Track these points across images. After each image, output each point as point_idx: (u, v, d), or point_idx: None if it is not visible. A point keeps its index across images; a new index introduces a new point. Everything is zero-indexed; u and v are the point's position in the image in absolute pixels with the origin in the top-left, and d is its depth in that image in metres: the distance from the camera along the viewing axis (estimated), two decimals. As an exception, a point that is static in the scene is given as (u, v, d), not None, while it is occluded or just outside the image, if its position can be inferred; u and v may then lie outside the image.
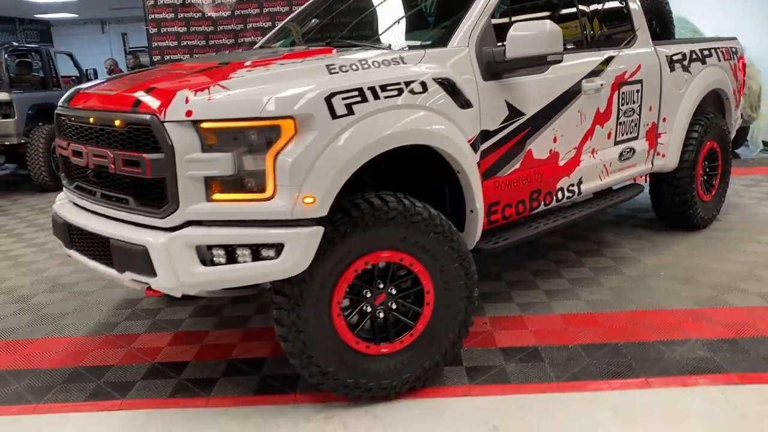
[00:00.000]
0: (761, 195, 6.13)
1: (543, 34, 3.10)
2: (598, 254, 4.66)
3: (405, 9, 4.05)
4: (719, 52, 5.04)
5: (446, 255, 2.83)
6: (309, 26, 4.28)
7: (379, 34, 3.75)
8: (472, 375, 3.04)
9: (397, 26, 3.78)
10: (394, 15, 3.97)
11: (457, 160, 2.95)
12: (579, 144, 3.82)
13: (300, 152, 2.44)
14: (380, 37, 3.65)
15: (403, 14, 3.96)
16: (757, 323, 3.44)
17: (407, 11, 4.02)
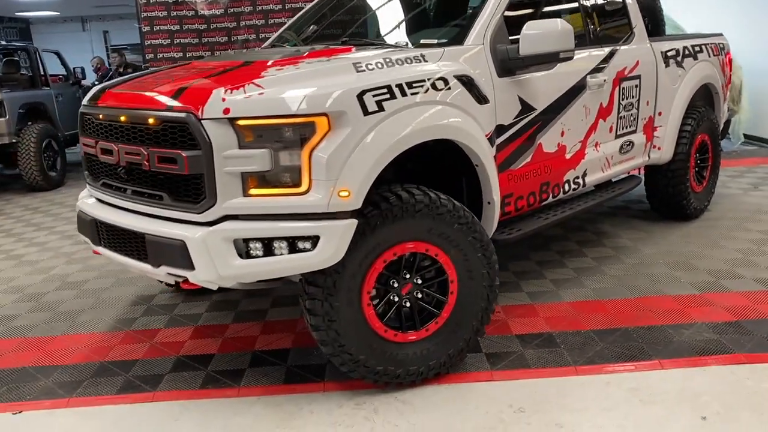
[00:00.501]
0: (746, 185, 6.35)
1: (555, 32, 3.22)
2: (599, 244, 4.81)
3: (411, 8, 4.15)
4: (709, 48, 5.23)
5: (469, 245, 2.94)
6: (317, 26, 4.35)
7: (390, 33, 3.84)
8: (492, 361, 3.16)
9: (406, 25, 3.88)
10: (401, 14, 4.08)
11: (477, 154, 3.07)
12: (584, 138, 3.96)
13: (335, 148, 2.53)
14: (393, 36, 3.74)
15: (410, 13, 4.06)
16: (757, 306, 3.62)
17: (414, 10, 4.12)
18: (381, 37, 3.86)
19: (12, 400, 3.03)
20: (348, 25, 4.19)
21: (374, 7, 4.31)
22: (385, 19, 4.19)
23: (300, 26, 4.37)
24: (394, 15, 4.14)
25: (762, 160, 7.45)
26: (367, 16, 4.26)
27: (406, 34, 3.78)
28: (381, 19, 4.21)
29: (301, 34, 4.26)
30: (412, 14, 4.04)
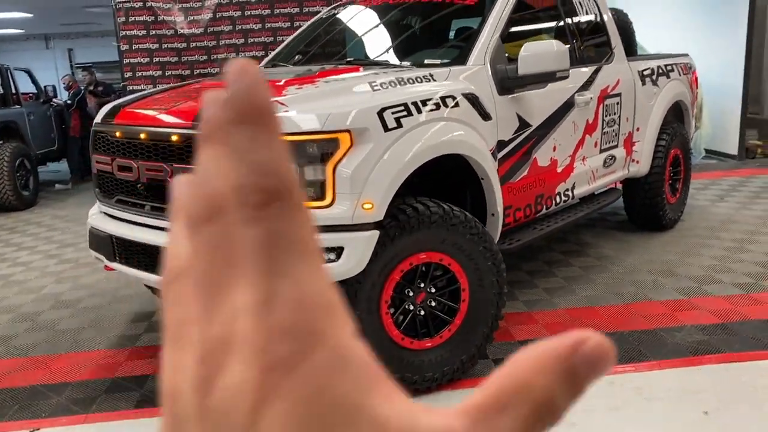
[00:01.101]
0: (713, 197, 6.68)
1: (552, 53, 3.41)
2: (583, 254, 5.02)
3: (403, 30, 4.31)
4: (679, 67, 5.53)
5: (480, 254, 3.08)
6: (312, 47, 4.47)
7: (387, 54, 3.98)
8: (499, 365, 3.28)
9: (402, 46, 4.04)
10: (394, 36, 4.23)
11: (483, 168, 3.22)
12: (573, 152, 4.16)
13: (358, 162, 2.65)
14: (391, 56, 3.89)
15: (403, 35, 4.22)
16: (739, 309, 3.85)
17: (406, 32, 4.28)
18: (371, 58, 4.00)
19: (27, 418, 3.03)
20: (341, 46, 4.33)
21: (366, 29, 4.45)
22: (378, 40, 4.34)
23: (296, 46, 4.48)
24: (388, 36, 4.29)
25: (724, 173, 7.83)
26: (360, 37, 4.40)
27: (405, 54, 3.92)
28: (375, 40, 4.35)
29: (297, 54, 4.37)
30: (405, 36, 4.20)
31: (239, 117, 0.25)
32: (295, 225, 0.25)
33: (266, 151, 0.25)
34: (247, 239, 0.25)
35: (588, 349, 0.26)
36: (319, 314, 0.24)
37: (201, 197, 0.26)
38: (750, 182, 7.25)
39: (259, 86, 0.25)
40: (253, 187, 0.24)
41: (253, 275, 0.24)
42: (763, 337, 3.47)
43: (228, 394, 0.23)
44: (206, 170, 0.26)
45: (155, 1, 7.32)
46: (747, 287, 4.18)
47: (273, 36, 7.50)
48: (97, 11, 9.39)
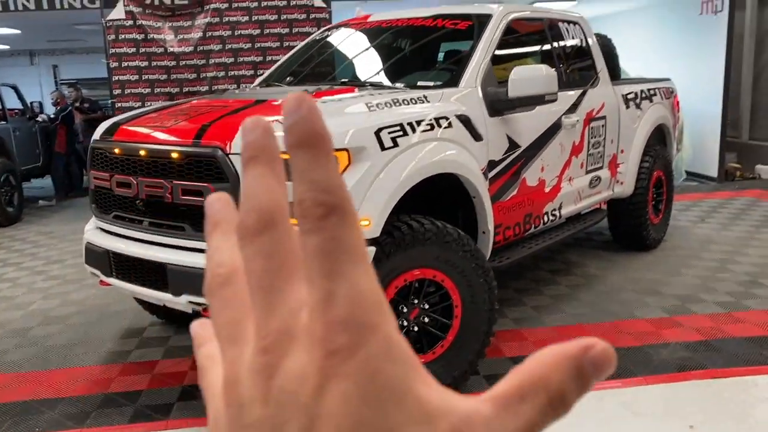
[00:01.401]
0: (694, 218, 6.83)
1: (540, 76, 3.52)
2: (570, 273, 5.11)
3: (394, 53, 4.41)
4: (661, 91, 5.69)
5: (472, 271, 3.15)
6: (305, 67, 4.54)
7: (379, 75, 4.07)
8: (492, 382, 3.31)
9: (393, 68, 4.13)
10: (385, 58, 4.33)
11: (475, 187, 3.30)
12: (560, 173, 4.27)
13: (356, 180, 2.72)
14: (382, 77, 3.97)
15: (394, 57, 4.32)
16: (722, 327, 3.95)
17: (397, 55, 4.38)
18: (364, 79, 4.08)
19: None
20: (334, 67, 4.42)
21: (359, 51, 4.54)
22: (371, 62, 4.43)
23: (289, 67, 4.55)
24: (381, 58, 4.39)
25: (704, 195, 8.01)
26: (353, 59, 4.49)
27: (398, 76, 4.01)
28: (368, 62, 4.44)
29: (291, 75, 4.44)
30: (398, 58, 4.29)
31: (300, 141, 0.29)
32: (350, 234, 0.28)
33: (324, 171, 0.28)
34: (309, 246, 0.28)
35: (595, 352, 0.30)
36: (371, 310, 0.28)
37: (252, 211, 0.30)
38: (730, 204, 7.42)
39: (317, 115, 0.29)
40: (314, 201, 0.28)
41: (315, 277, 0.28)
42: (745, 353, 3.57)
43: (292, 376, 0.27)
44: (253, 187, 0.30)
45: (146, 20, 7.39)
46: (728, 306, 4.29)
47: (262, 55, 7.59)
48: (86, 28, 9.41)
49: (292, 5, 7.52)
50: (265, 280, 0.29)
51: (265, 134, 0.31)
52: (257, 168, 0.30)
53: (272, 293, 0.29)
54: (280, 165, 0.31)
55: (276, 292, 0.29)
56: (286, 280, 0.29)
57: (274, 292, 0.29)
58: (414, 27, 4.14)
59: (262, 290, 0.29)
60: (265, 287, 0.29)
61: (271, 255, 0.29)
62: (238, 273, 0.32)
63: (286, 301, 0.29)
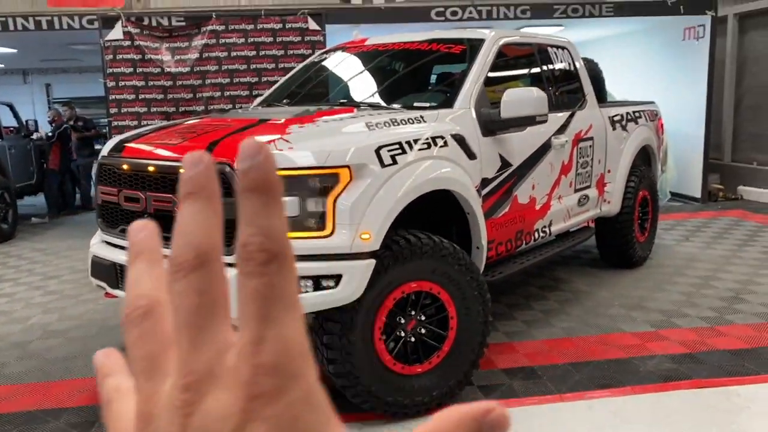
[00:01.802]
0: (678, 237, 7.02)
1: (532, 98, 3.69)
2: (558, 289, 5.25)
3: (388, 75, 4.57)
4: (646, 114, 5.89)
5: (467, 284, 3.27)
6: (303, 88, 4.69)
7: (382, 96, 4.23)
8: (485, 392, 3.46)
9: (394, 89, 4.29)
10: (380, 80, 4.49)
11: (469, 203, 3.44)
12: (550, 191, 4.42)
13: (357, 195, 2.85)
14: (385, 99, 4.12)
15: (389, 79, 4.48)
16: (705, 340, 4.09)
17: (392, 77, 4.54)
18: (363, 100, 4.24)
19: (26, 442, 3.09)
20: (333, 88, 4.57)
21: (357, 73, 4.70)
22: (368, 83, 4.59)
23: (288, 87, 4.70)
24: (378, 80, 4.55)
25: (688, 214, 8.21)
26: (351, 80, 4.64)
27: (394, 97, 4.16)
28: (365, 83, 4.60)
29: (291, 95, 4.59)
30: (394, 80, 4.45)
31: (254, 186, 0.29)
32: (287, 282, 0.29)
33: (273, 218, 0.29)
34: (248, 289, 0.29)
35: (494, 416, 0.30)
36: (297, 358, 0.28)
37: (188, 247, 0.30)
38: (713, 223, 7.62)
39: (272, 163, 0.30)
40: (259, 246, 0.29)
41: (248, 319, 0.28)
42: (728, 365, 3.71)
43: (213, 416, 0.27)
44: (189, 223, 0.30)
45: (143, 41, 7.53)
46: (712, 320, 4.44)
47: (258, 76, 7.74)
48: (82, 48, 9.53)
49: (287, 28, 7.69)
50: (193, 318, 0.29)
51: (207, 171, 0.31)
52: (196, 204, 0.31)
53: (200, 331, 0.29)
54: (218, 203, 0.32)
55: (204, 331, 0.29)
56: (215, 319, 0.29)
57: (202, 331, 0.29)
58: (410, 50, 4.30)
59: (190, 327, 0.29)
60: (193, 324, 0.29)
61: (203, 293, 0.30)
62: (160, 306, 0.32)
63: (213, 341, 0.29)
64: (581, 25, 8.86)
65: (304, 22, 7.70)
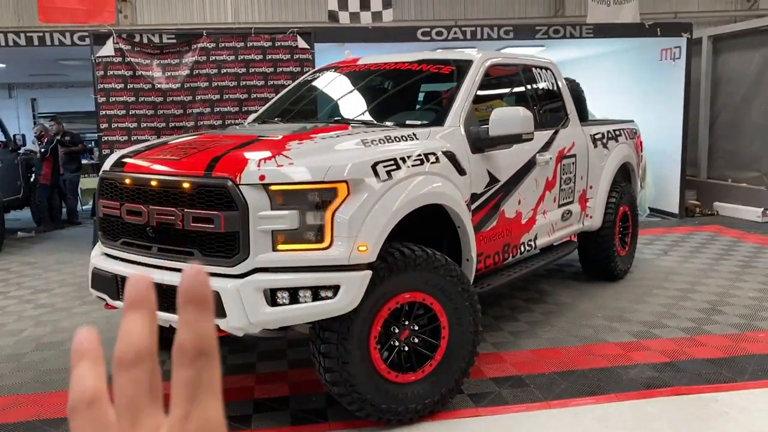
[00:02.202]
0: (658, 251, 7.23)
1: (519, 117, 3.85)
2: (543, 301, 5.40)
3: (379, 93, 4.72)
4: (626, 132, 6.11)
5: (459, 295, 3.40)
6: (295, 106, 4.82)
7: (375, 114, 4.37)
8: (475, 400, 3.58)
9: (386, 107, 4.44)
10: (369, 99, 4.64)
11: (460, 217, 3.59)
12: (535, 206, 4.58)
13: (355, 209, 2.98)
14: (377, 117, 4.27)
15: (379, 98, 4.63)
16: (685, 350, 4.26)
17: (382, 95, 4.69)
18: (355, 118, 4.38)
19: (27, 451, 3.14)
20: (327, 106, 4.71)
21: (349, 92, 4.84)
22: (360, 102, 4.73)
23: (283, 105, 4.82)
24: (370, 98, 4.69)
25: (666, 229, 8.44)
26: (344, 99, 4.79)
27: (386, 115, 4.30)
28: (358, 101, 4.74)
29: (285, 112, 4.71)
30: (386, 98, 4.60)
31: (191, 300, 0.39)
32: (212, 374, 0.38)
33: (204, 325, 0.39)
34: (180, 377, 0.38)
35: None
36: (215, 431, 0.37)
37: (129, 347, 0.39)
38: (690, 238, 7.85)
39: (207, 283, 0.39)
40: (191, 345, 0.38)
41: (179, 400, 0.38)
42: (707, 373, 3.87)
43: None
44: (131, 329, 0.39)
45: (134, 57, 7.63)
46: (690, 331, 4.61)
47: (247, 93, 7.87)
48: (71, 64, 9.59)
49: (276, 46, 7.84)
50: (132, 403, 0.37)
51: (148, 289, 0.41)
52: (137, 314, 0.40)
53: (137, 414, 0.38)
54: (154, 314, 0.41)
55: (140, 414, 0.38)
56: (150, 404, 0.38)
57: (138, 413, 0.38)
58: (401, 70, 4.46)
59: (129, 411, 0.38)
60: (132, 409, 0.37)
61: (140, 383, 0.38)
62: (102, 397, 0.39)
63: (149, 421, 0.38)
64: (562, 46, 9.12)
65: (293, 40, 7.85)
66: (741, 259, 6.71)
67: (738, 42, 9.36)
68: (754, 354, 4.16)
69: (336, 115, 4.41)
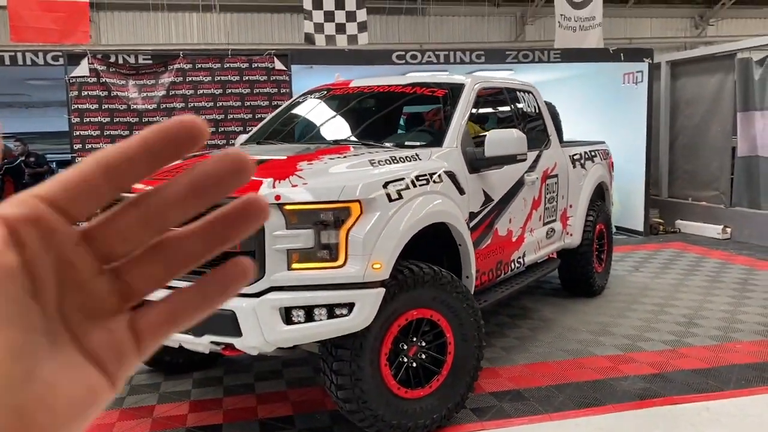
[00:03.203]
0: (629, 267, 7.47)
1: (513, 139, 3.99)
2: (528, 317, 5.53)
3: (372, 114, 4.82)
4: (600, 153, 6.34)
5: (464, 311, 3.49)
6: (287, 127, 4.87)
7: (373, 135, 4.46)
8: (478, 414, 3.66)
9: (382, 129, 4.53)
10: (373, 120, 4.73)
11: (462, 235, 3.69)
12: (524, 224, 4.72)
13: (369, 228, 3.05)
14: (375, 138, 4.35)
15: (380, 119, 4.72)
16: (671, 361, 4.43)
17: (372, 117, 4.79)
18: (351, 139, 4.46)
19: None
20: (322, 127, 4.78)
21: (344, 114, 4.92)
22: (356, 123, 4.81)
23: (272, 127, 4.86)
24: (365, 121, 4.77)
25: (633, 247, 8.73)
26: (340, 120, 4.86)
27: (383, 136, 4.39)
28: (353, 123, 4.82)
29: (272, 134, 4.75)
30: (381, 121, 4.69)
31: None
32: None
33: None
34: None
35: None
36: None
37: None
38: (658, 255, 8.14)
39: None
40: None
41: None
42: (695, 383, 4.03)
43: None
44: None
45: (110, 78, 7.55)
46: (672, 343, 4.79)
47: (224, 114, 7.86)
48: (37, 84, 9.42)
49: (253, 67, 7.88)
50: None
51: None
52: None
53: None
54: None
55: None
56: None
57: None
58: (394, 93, 4.56)
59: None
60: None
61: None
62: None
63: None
64: (530, 70, 9.40)
65: (270, 62, 7.90)
66: (708, 275, 6.99)
67: (695, 67, 9.82)
68: (735, 364, 4.36)
69: (333, 136, 4.47)
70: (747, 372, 4.21)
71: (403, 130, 4.94)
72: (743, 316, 5.42)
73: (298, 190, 3.02)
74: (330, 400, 3.52)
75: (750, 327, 5.13)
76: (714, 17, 16.85)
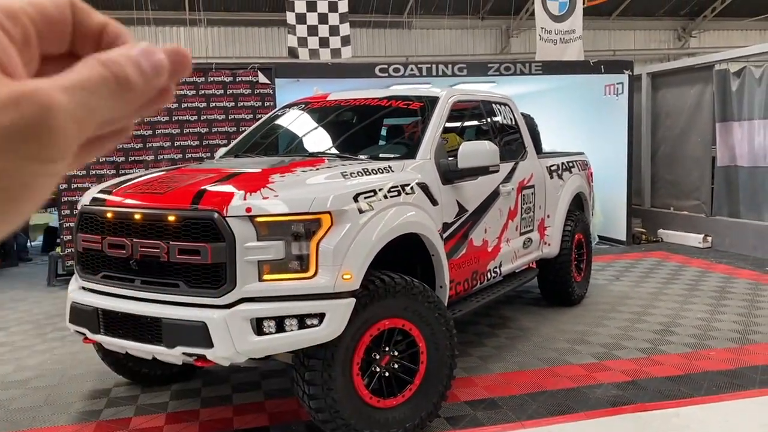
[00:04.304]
0: (609, 277, 7.55)
1: (485, 151, 4.06)
2: (506, 327, 5.58)
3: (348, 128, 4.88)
4: (578, 163, 6.43)
5: (436, 321, 3.54)
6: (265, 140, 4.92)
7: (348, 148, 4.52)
8: (452, 423, 3.70)
9: (358, 141, 4.59)
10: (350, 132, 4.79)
11: (435, 246, 3.74)
12: (499, 234, 4.79)
13: (339, 239, 3.10)
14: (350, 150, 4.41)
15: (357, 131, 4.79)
16: (644, 369, 4.48)
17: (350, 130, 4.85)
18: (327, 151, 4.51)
19: (5, 490, 3.09)
20: (299, 140, 4.83)
21: (321, 126, 4.98)
22: (332, 136, 4.87)
23: (250, 140, 4.91)
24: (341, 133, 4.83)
25: (615, 256, 8.82)
26: (316, 133, 4.92)
27: (359, 148, 4.45)
28: (330, 135, 4.88)
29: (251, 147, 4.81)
30: (357, 133, 4.75)
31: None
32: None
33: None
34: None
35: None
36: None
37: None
38: (639, 264, 8.22)
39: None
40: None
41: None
42: (666, 390, 4.09)
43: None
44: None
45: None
46: (648, 351, 4.85)
47: (208, 127, 7.92)
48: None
49: (237, 81, 7.95)
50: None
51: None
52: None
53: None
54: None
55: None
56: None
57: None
58: (371, 106, 4.63)
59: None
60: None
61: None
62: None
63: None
64: (512, 82, 9.50)
65: (254, 75, 7.98)
66: (688, 283, 7.08)
67: (675, 79, 9.96)
68: (708, 371, 4.42)
69: (310, 149, 4.53)
70: (719, 379, 4.27)
71: (384, 142, 5.00)
72: (719, 323, 5.50)
73: (269, 202, 3.07)
74: (306, 411, 3.55)
75: (724, 334, 5.20)
76: (696, 29, 17.10)
